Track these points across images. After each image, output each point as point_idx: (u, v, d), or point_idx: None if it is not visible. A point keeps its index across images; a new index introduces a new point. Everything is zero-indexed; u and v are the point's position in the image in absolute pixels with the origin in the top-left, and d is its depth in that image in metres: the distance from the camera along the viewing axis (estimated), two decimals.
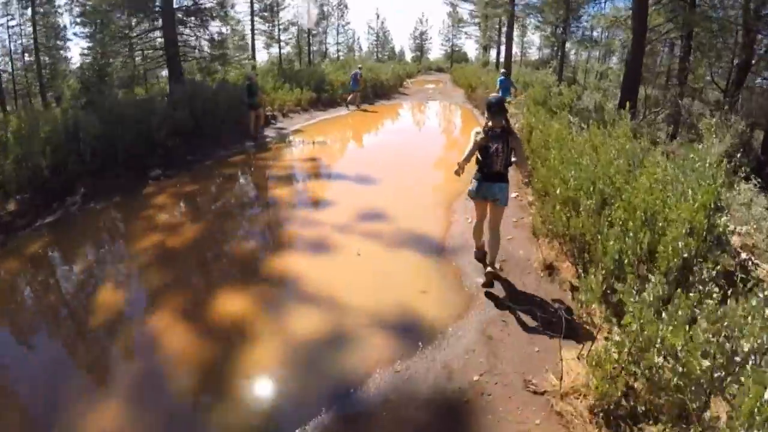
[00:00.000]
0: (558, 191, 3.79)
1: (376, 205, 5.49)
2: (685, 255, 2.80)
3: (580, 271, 3.69)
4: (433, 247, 4.41)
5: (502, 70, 13.70)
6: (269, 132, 10.26)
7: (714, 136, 6.03)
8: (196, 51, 14.27)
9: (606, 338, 2.75)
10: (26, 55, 17.90)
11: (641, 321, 2.19)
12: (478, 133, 3.54)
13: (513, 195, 5.74)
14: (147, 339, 3.20)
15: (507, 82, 12.24)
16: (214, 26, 14.78)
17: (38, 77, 16.70)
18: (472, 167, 3.70)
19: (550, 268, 3.94)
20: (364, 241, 4.52)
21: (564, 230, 3.80)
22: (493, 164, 3.51)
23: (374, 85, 16.67)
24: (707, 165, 3.63)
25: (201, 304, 3.60)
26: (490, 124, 3.50)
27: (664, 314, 2.16)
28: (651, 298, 2.28)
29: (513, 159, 3.61)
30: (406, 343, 3.03)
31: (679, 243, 2.78)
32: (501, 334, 3.11)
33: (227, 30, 15.75)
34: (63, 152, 6.81)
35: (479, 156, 3.56)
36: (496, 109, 3.47)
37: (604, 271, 2.73)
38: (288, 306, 3.52)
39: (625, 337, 2.32)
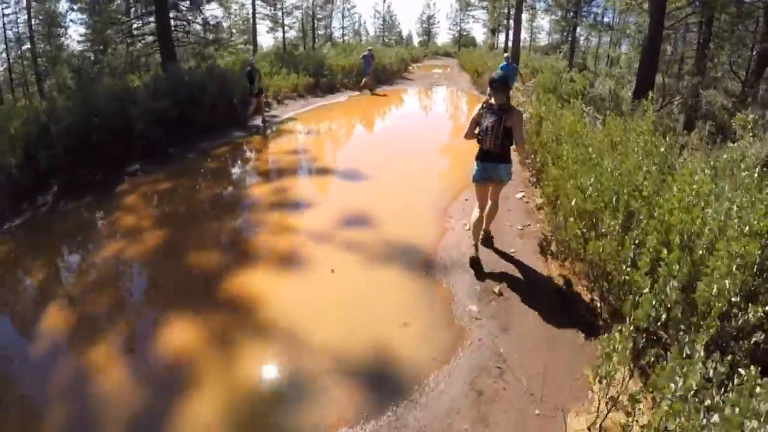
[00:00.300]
0: (573, 202, 3.05)
1: (362, 207, 4.78)
2: (734, 298, 2.11)
3: (597, 301, 3.01)
4: (422, 261, 3.71)
5: (506, 55, 12.20)
6: (259, 120, 9.52)
7: (750, 134, 5.18)
8: (190, 35, 13.49)
9: (628, 413, 2.07)
10: (22, 44, 17.18)
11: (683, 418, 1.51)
12: (476, 110, 3.40)
13: (519, 195, 5.02)
14: (72, 379, 2.60)
15: (510, 68, 10.52)
16: (210, 9, 13.98)
17: (34, 65, 16.00)
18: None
19: (559, 295, 3.24)
20: (342, 254, 3.84)
21: (579, 249, 3.09)
22: (483, 142, 3.30)
23: (375, 69, 15.68)
24: (755, 175, 2.89)
25: (143, 334, 3.01)
26: (491, 101, 3.32)
27: (716, 416, 1.47)
28: (697, 380, 1.58)
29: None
30: (374, 397, 2.39)
31: (726, 282, 2.08)
32: (494, 386, 2.44)
33: (223, 13, 14.94)
34: (35, 148, 6.25)
35: (476, 132, 3.39)
36: (498, 86, 3.29)
37: (632, 327, 2.02)
38: (240, 340, 2.88)
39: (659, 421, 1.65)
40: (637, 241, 2.63)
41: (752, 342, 2.02)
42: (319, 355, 2.70)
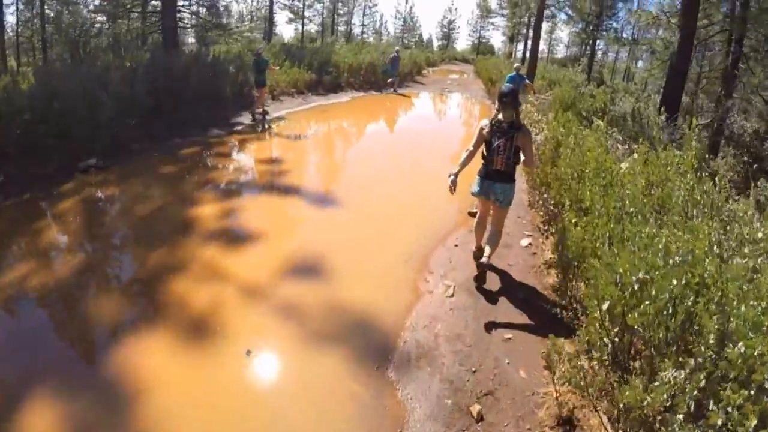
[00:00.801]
0: (605, 306, 1.85)
1: (319, 249, 3.57)
2: None
3: None
4: (378, 346, 2.52)
5: (516, 65, 10.31)
6: (246, 117, 8.36)
7: None
8: (198, 18, 12.35)
9: None
10: (34, 8, 16.09)
11: None
12: (483, 127, 3.04)
13: (524, 243, 3.83)
14: None
15: (518, 79, 8.88)
16: None
17: (42, 32, 14.90)
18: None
19: (567, 425, 2.06)
20: (271, 324, 2.68)
21: (607, 371, 1.91)
22: (493, 162, 3.01)
23: (386, 71, 14.42)
24: None
25: None
26: (499, 116, 2.98)
27: None
28: None
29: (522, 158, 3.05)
30: None
31: None
32: None
33: None
34: None
35: (483, 150, 3.09)
36: (507, 100, 2.93)
37: None
38: None
39: None
40: (702, 385, 1.47)
41: None
42: None
